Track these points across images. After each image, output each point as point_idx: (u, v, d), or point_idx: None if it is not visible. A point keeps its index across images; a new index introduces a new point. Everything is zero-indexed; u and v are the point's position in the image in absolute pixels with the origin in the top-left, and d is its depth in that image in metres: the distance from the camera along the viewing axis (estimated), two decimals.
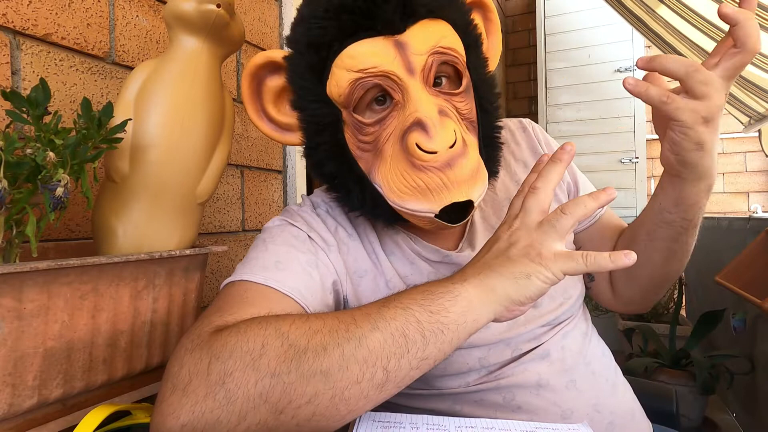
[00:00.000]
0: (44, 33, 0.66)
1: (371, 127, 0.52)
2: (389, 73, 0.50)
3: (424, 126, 0.48)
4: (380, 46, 0.50)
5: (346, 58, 0.50)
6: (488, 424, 0.44)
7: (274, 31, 1.18)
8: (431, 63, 0.51)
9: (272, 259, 0.53)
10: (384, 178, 0.52)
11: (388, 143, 0.52)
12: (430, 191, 0.49)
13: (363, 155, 0.54)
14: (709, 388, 1.63)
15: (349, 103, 0.52)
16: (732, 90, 1.88)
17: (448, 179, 0.49)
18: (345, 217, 0.62)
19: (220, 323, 0.44)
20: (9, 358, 0.44)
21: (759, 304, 1.23)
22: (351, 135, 0.54)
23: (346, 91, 0.51)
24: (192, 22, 0.60)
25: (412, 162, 0.49)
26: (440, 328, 0.40)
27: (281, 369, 0.37)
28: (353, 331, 0.39)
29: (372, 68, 0.49)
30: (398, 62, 0.49)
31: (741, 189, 2.89)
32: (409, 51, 0.50)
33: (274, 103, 0.60)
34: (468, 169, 0.49)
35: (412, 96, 0.49)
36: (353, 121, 0.52)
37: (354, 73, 0.50)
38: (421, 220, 0.52)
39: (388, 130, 0.52)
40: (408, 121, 0.49)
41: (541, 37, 3.08)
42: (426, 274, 0.59)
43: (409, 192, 0.50)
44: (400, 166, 0.50)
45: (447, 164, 0.48)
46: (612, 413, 0.56)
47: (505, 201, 0.66)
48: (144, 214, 0.60)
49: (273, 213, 1.17)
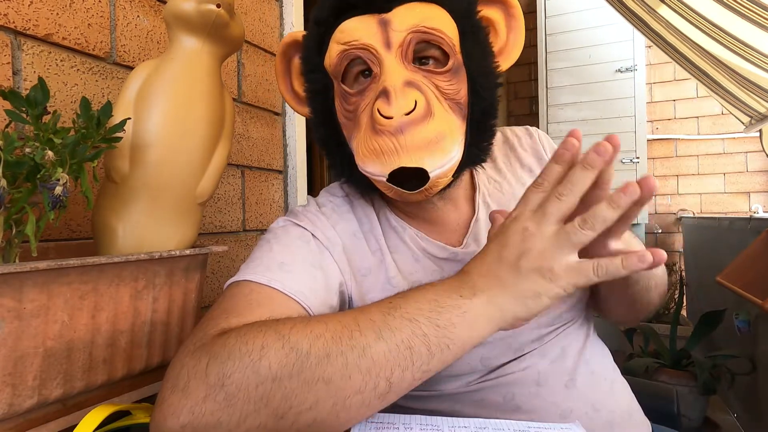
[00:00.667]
0: (45, 33, 0.66)
1: (353, 97, 0.56)
2: (368, 47, 0.53)
3: (386, 93, 0.51)
4: (366, 22, 0.54)
5: (337, 33, 0.55)
6: (481, 424, 0.44)
7: (274, 31, 1.18)
8: (409, 40, 0.53)
9: (277, 260, 0.53)
10: (356, 143, 0.55)
11: (365, 113, 0.55)
12: (383, 154, 0.51)
13: (346, 123, 0.58)
14: (710, 389, 1.63)
15: (338, 73, 0.56)
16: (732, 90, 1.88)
17: (399, 144, 0.50)
18: (351, 214, 0.63)
19: (224, 326, 0.43)
20: (9, 358, 0.44)
21: (760, 304, 1.22)
22: (339, 104, 0.58)
23: (335, 62, 0.55)
24: (192, 22, 0.60)
25: (373, 127, 0.52)
26: (446, 344, 0.40)
27: (282, 373, 0.37)
28: (357, 339, 0.39)
29: (355, 41, 0.54)
30: (378, 37, 0.53)
31: (742, 189, 2.89)
32: (390, 28, 0.53)
33: (298, 79, 0.66)
34: (420, 138, 0.50)
35: (385, 68, 0.53)
36: (340, 90, 0.57)
37: (341, 45, 0.55)
38: (380, 184, 0.54)
39: (366, 100, 0.55)
40: (377, 90, 0.53)
41: (541, 37, 3.08)
42: (430, 272, 0.59)
43: (368, 155, 0.53)
44: (366, 132, 0.53)
45: (399, 129, 0.50)
46: (610, 412, 0.56)
47: (512, 201, 0.66)
48: (144, 214, 0.60)
49: (273, 213, 1.17)
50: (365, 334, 0.39)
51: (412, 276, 0.59)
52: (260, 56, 1.12)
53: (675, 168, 3.03)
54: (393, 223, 0.62)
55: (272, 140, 1.16)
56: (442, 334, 0.40)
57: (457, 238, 0.62)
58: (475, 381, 0.56)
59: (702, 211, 2.98)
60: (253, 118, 1.10)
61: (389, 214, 0.62)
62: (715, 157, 2.93)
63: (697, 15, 1.49)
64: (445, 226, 0.63)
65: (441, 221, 0.63)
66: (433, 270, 0.59)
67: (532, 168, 0.69)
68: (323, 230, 0.59)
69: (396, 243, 0.61)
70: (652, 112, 3.02)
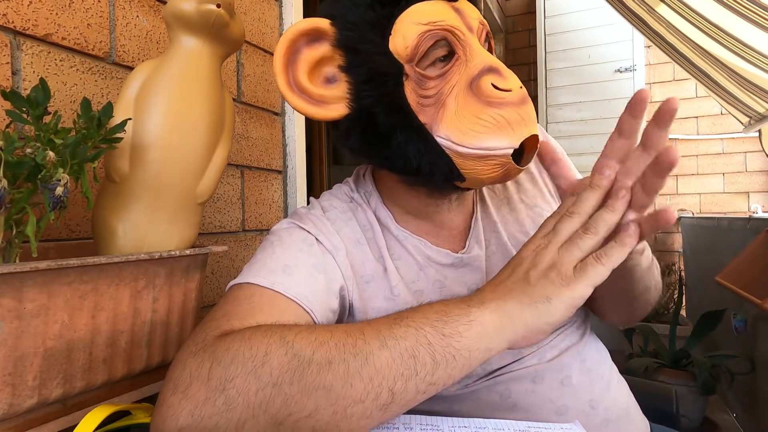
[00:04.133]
0: (44, 33, 0.66)
1: (433, 81, 0.53)
2: (454, 28, 0.53)
3: (496, 70, 0.51)
4: (443, 6, 0.54)
5: (414, 13, 0.53)
6: (481, 424, 0.44)
7: (274, 31, 1.18)
8: (482, 29, 0.56)
9: (279, 263, 0.52)
10: (452, 126, 0.52)
11: (451, 96, 0.53)
12: (509, 125, 0.50)
13: (423, 110, 0.53)
14: (709, 388, 1.63)
15: (414, 56, 0.52)
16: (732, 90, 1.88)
17: (525, 113, 0.51)
18: (354, 221, 0.62)
19: (226, 328, 0.43)
20: (9, 358, 0.44)
21: (759, 304, 1.23)
22: (412, 90, 0.53)
23: (414, 43, 0.52)
24: (192, 22, 0.60)
25: (487, 102, 0.51)
26: (452, 353, 0.39)
27: (283, 379, 0.37)
28: (361, 346, 0.38)
29: (440, 21, 0.52)
30: (460, 21, 0.53)
31: (741, 189, 2.89)
32: (465, 15, 0.54)
33: (310, 74, 0.57)
34: (533, 108, 0.53)
35: (476, 50, 0.53)
36: (416, 74, 0.53)
37: (423, 26, 0.52)
38: (492, 165, 0.51)
39: (451, 82, 0.53)
40: (476, 69, 0.52)
41: (541, 37, 3.08)
42: (432, 281, 0.59)
43: (487, 129, 0.50)
44: (471, 110, 0.51)
45: (522, 100, 0.51)
46: (606, 409, 0.57)
47: (504, 200, 0.66)
48: (144, 214, 0.60)
49: (273, 213, 1.17)
50: (369, 342, 0.39)
51: (415, 285, 0.59)
52: (260, 56, 1.13)
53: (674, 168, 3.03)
54: (395, 232, 0.61)
55: (272, 140, 1.16)
56: (447, 343, 0.39)
57: (459, 243, 0.63)
58: (473, 383, 0.57)
59: (701, 211, 2.98)
60: (252, 118, 1.10)
61: (392, 223, 0.62)
62: (715, 157, 2.94)
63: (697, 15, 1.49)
64: (450, 230, 0.63)
65: (449, 225, 0.63)
66: (436, 279, 0.59)
67: (529, 167, 0.69)
68: (327, 235, 0.58)
69: (399, 251, 0.61)
70: (651, 112, 3.03)
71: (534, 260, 0.43)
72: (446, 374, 0.39)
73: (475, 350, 0.40)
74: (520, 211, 0.65)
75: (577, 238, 0.42)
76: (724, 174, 2.92)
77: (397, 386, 0.38)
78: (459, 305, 0.42)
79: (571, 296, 0.40)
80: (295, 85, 0.56)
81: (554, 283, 0.41)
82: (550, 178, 0.54)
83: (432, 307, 0.42)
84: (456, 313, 0.41)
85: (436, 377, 0.39)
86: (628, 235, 0.41)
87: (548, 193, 0.68)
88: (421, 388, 0.39)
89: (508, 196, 0.66)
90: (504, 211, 0.65)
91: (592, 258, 0.41)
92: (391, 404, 0.38)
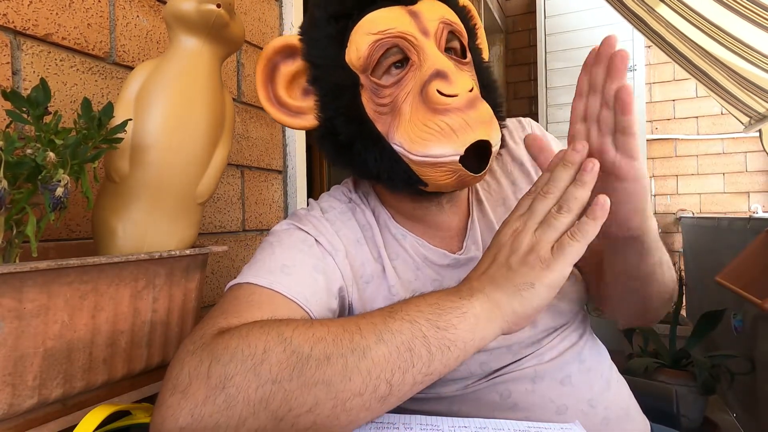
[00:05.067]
0: (45, 33, 0.66)
1: (388, 89, 0.54)
2: (406, 34, 0.53)
3: (443, 74, 0.50)
4: (396, 12, 0.54)
5: (365, 24, 0.54)
6: (481, 424, 0.44)
7: (274, 31, 1.18)
8: (442, 29, 0.54)
9: (279, 263, 0.53)
10: (404, 133, 0.53)
11: (406, 102, 0.53)
12: (453, 132, 0.50)
13: (380, 118, 0.55)
14: (709, 388, 1.63)
15: (368, 66, 0.54)
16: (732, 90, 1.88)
17: (470, 119, 0.50)
18: (353, 221, 0.62)
19: (224, 326, 0.43)
20: (9, 358, 0.44)
21: (759, 304, 1.23)
22: (368, 99, 0.55)
23: (366, 53, 0.53)
24: (192, 22, 0.60)
25: (433, 108, 0.50)
26: (447, 345, 0.40)
27: (282, 376, 0.37)
28: (358, 341, 0.39)
29: (390, 29, 0.53)
30: (414, 26, 0.53)
31: (741, 189, 2.90)
32: (422, 18, 0.54)
33: (287, 88, 0.61)
34: (485, 111, 0.51)
35: (429, 54, 0.52)
36: (371, 84, 0.54)
37: (373, 35, 0.53)
38: (442, 171, 0.52)
39: (405, 89, 0.53)
40: (426, 74, 0.51)
41: (541, 37, 3.08)
42: (429, 282, 0.59)
43: (432, 137, 0.50)
44: (420, 117, 0.51)
45: (468, 105, 0.50)
46: (606, 409, 0.57)
47: (500, 200, 0.66)
48: (144, 214, 0.60)
49: (273, 213, 1.17)
50: (366, 336, 0.39)
51: (411, 285, 0.59)
52: None
53: (674, 168, 3.04)
54: (393, 230, 0.62)
55: (272, 140, 1.16)
56: (443, 336, 0.40)
57: (457, 243, 0.63)
58: (473, 383, 0.57)
59: (701, 211, 2.98)
60: (252, 118, 1.10)
61: (390, 222, 0.62)
62: (715, 157, 2.94)
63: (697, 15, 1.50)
64: (447, 231, 0.63)
65: (444, 226, 0.63)
66: (433, 279, 0.59)
67: (524, 162, 0.69)
68: (327, 236, 0.59)
69: (397, 251, 0.61)
70: (651, 112, 3.03)
71: (513, 245, 0.44)
72: (442, 364, 0.40)
73: (470, 340, 0.41)
74: None
75: (552, 218, 0.43)
76: (724, 174, 2.92)
77: (395, 378, 0.38)
78: (450, 297, 0.42)
79: (551, 278, 0.41)
80: (274, 99, 0.61)
81: (534, 268, 0.41)
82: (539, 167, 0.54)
83: (425, 299, 0.43)
84: (449, 306, 0.41)
85: (432, 368, 0.40)
86: (600, 208, 0.42)
87: None
88: (418, 379, 0.39)
89: (504, 195, 0.67)
90: (501, 211, 0.65)
91: (566, 236, 0.41)
92: (390, 396, 0.39)
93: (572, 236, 0.41)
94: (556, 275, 0.41)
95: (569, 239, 0.41)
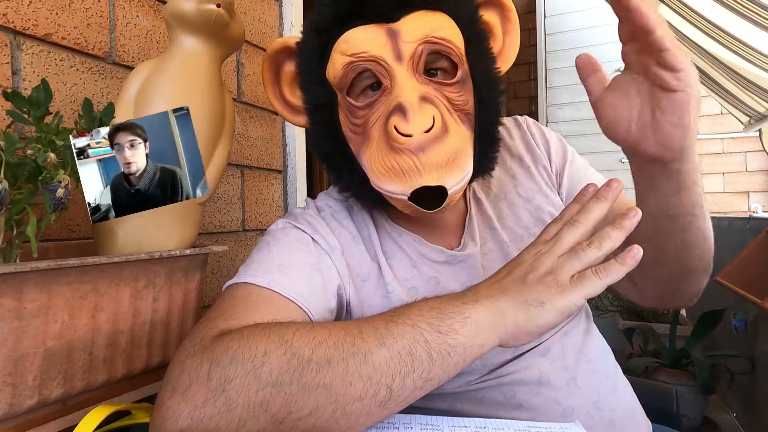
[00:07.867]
0: (44, 33, 0.66)
1: (362, 111, 0.54)
2: (378, 59, 0.52)
3: (403, 110, 0.49)
4: (373, 33, 0.52)
5: (341, 43, 0.53)
6: (482, 424, 0.44)
7: (274, 31, 1.18)
8: (421, 51, 0.52)
9: (276, 263, 0.53)
10: (368, 159, 0.53)
11: (375, 127, 0.53)
12: (403, 173, 0.50)
13: (354, 137, 0.56)
14: (709, 388, 1.63)
15: (343, 86, 0.54)
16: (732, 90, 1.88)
17: (420, 162, 0.49)
18: (349, 220, 0.62)
19: (223, 327, 0.43)
20: (9, 358, 0.44)
21: (759, 303, 1.23)
22: (344, 117, 0.56)
23: (340, 74, 0.53)
24: (192, 21, 0.60)
25: (390, 144, 0.50)
26: (447, 350, 0.39)
27: (283, 379, 0.37)
28: (359, 345, 0.39)
29: (363, 53, 0.52)
30: (388, 49, 0.51)
31: (741, 189, 2.89)
32: (400, 39, 0.51)
33: (289, 87, 0.63)
34: (441, 155, 0.50)
35: (398, 82, 0.51)
36: (346, 103, 0.55)
37: (347, 57, 0.52)
38: (398, 203, 0.53)
39: (376, 114, 0.54)
40: (391, 105, 0.51)
41: (541, 36, 3.08)
42: (427, 279, 0.59)
43: (385, 173, 0.51)
44: (381, 148, 0.52)
45: (420, 148, 0.49)
46: (612, 411, 0.56)
47: (500, 195, 0.66)
48: (144, 214, 0.60)
49: (273, 213, 1.17)
50: (367, 340, 0.39)
51: (408, 282, 0.59)
52: (260, 56, 1.12)
53: None
54: (389, 228, 0.62)
55: (272, 140, 1.16)
56: (443, 341, 0.39)
57: (455, 240, 0.63)
58: (475, 380, 0.56)
59: None
60: (252, 117, 1.10)
61: (386, 220, 0.62)
62: (715, 157, 2.93)
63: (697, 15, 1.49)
64: (444, 228, 0.63)
65: (441, 224, 0.63)
66: (430, 276, 0.59)
67: (522, 157, 0.69)
68: (323, 234, 0.59)
69: (393, 249, 0.61)
70: None
71: (533, 264, 0.43)
72: (442, 370, 0.40)
73: (470, 347, 0.40)
74: (517, 206, 0.65)
75: (581, 250, 0.42)
76: (724, 174, 2.92)
77: (395, 383, 0.38)
78: (453, 302, 0.42)
79: (564, 303, 0.41)
80: (281, 96, 0.63)
81: (550, 288, 0.41)
82: (585, 87, 0.52)
83: (427, 303, 0.42)
84: (451, 310, 0.41)
85: (433, 373, 0.39)
86: (631, 257, 0.41)
87: (545, 185, 0.68)
88: (418, 384, 0.39)
89: (505, 191, 0.66)
90: (500, 206, 0.65)
91: (591, 271, 0.41)
92: (390, 401, 0.38)
93: (596, 273, 0.41)
94: (568, 302, 0.41)
95: (592, 274, 0.41)
